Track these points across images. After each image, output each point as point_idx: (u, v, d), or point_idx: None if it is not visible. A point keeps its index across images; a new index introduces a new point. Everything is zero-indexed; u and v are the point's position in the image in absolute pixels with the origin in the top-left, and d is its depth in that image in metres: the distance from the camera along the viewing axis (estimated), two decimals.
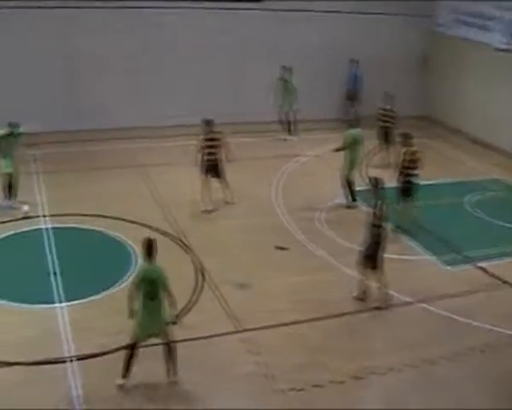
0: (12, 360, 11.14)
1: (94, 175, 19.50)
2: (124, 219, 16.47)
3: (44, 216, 16.54)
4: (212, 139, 17.32)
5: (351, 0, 25.60)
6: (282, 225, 16.90)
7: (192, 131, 19.00)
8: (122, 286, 13.47)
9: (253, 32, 24.76)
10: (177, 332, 11.71)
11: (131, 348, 10.73)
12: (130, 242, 15.34)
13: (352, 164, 18.19)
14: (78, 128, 22.58)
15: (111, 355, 11.38)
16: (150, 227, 15.96)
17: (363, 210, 17.61)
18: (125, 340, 11.10)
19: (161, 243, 15.19)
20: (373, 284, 13.55)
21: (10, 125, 16.86)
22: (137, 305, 10.65)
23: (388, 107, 21.44)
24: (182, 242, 15.62)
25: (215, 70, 24.48)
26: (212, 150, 17.36)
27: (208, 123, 17.42)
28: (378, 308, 13.24)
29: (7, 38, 22.07)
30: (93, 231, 15.98)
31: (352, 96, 25.88)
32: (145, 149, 21.92)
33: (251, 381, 11.06)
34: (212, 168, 17.48)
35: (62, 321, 12.32)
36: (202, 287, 13.77)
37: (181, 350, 11.41)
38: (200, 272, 14.31)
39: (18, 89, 21.93)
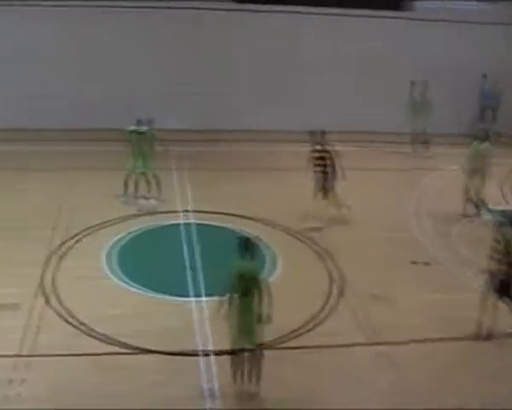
0: (153, 348, 11.50)
1: (235, 176, 19.81)
2: (262, 221, 16.65)
3: (186, 211, 16.97)
4: (320, 151, 16.81)
5: None
6: (419, 239, 16.58)
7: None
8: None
9: (387, 41, 24.35)
10: (313, 338, 11.76)
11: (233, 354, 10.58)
12: (267, 243, 15.48)
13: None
14: (219, 128, 23.08)
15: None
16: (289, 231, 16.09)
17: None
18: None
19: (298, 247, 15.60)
20: None
21: (138, 122, 17.27)
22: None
23: None
24: (319, 248, 15.63)
25: (343, 79, 24.23)
26: (319, 162, 16.84)
27: (313, 134, 16.97)
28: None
29: (160, 40, 22.97)
30: (231, 230, 16.16)
31: (483, 112, 25.00)
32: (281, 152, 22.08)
33: (384, 397, 10.87)
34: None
35: (199, 315, 12.59)
36: (339, 295, 13.72)
37: (315, 355, 11.50)
38: (336, 280, 14.23)
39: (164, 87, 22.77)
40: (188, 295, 13.25)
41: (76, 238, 15.47)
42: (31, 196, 17.67)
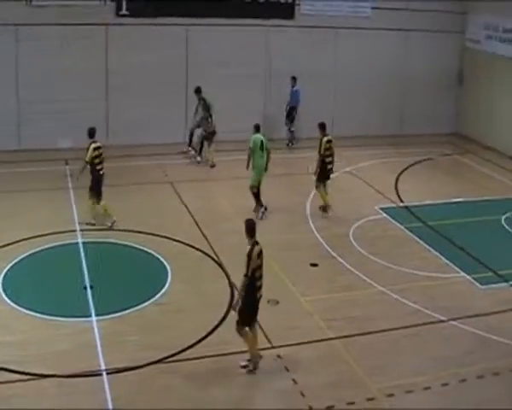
0: (47, 373, 11.27)
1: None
2: (160, 236, 16.63)
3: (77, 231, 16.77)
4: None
5: None
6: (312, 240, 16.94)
7: None
8: (155, 301, 13.69)
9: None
10: (210, 347, 11.91)
11: None
12: (163, 257, 15.50)
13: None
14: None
15: (142, 369, 11.48)
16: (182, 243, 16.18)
17: (397, 226, 17.72)
18: (155, 355, 11.44)
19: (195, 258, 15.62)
20: None
21: None
22: None
23: None
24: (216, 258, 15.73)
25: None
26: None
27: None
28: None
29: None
30: (128, 246, 16.12)
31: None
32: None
33: (286, 397, 11.03)
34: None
35: (96, 335, 12.42)
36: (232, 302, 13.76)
37: (214, 365, 11.62)
38: (233, 288, 14.32)
39: None
40: (84, 316, 13.02)
41: None
42: None
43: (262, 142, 17.98)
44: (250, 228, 11.63)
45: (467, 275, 15.39)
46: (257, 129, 18.20)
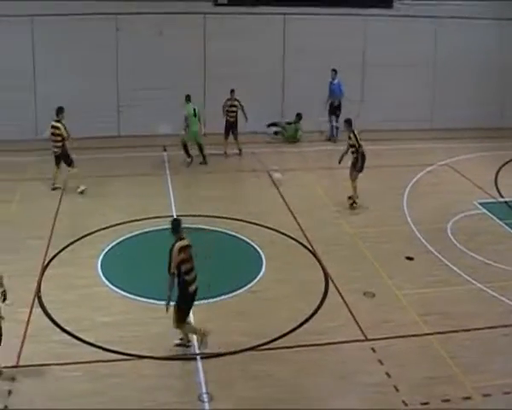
0: (144, 354, 11.57)
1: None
2: (255, 223, 16.76)
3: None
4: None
5: None
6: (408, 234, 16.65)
7: None
8: (249, 288, 13.80)
9: None
10: (303, 336, 11.84)
11: None
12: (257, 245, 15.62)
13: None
14: None
15: (236, 355, 11.61)
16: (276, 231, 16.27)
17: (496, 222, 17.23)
18: (249, 343, 11.60)
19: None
20: None
21: None
22: None
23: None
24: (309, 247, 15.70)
25: None
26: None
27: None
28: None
29: None
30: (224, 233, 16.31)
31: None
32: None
33: (379, 391, 10.88)
34: None
35: (191, 319, 12.46)
36: (326, 292, 13.78)
37: (307, 354, 11.58)
38: (328, 277, 14.27)
39: None
40: None
41: (67, 247, 15.47)
42: (19, 206, 17.70)
43: (194, 110, 20.48)
44: (173, 226, 11.90)
45: None
46: (188, 99, 20.55)
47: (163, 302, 11.55)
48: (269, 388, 10.84)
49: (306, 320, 12.63)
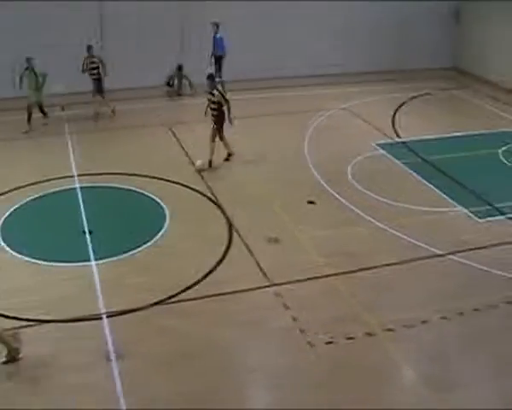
0: (47, 318, 11.38)
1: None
2: (154, 177, 16.65)
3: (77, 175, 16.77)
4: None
5: None
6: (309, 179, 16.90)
7: None
8: (151, 244, 13.73)
9: None
10: (209, 287, 11.94)
11: None
12: (160, 199, 15.55)
13: None
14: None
15: (142, 311, 11.59)
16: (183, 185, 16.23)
17: (394, 162, 17.66)
18: (155, 297, 11.58)
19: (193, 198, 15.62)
20: None
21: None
22: None
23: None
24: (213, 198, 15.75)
25: None
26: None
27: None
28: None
29: None
30: (126, 189, 16.15)
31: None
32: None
33: (285, 335, 11.11)
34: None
35: (96, 279, 12.50)
36: (231, 242, 13.87)
37: (213, 304, 11.67)
38: (231, 227, 14.37)
39: None
40: (84, 260, 13.11)
41: None
42: None
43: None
44: None
45: (464, 209, 15.37)
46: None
47: (65, 264, 11.33)
48: (177, 342, 10.89)
49: (210, 271, 12.71)
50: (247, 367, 10.54)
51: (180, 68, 23.60)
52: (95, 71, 20.92)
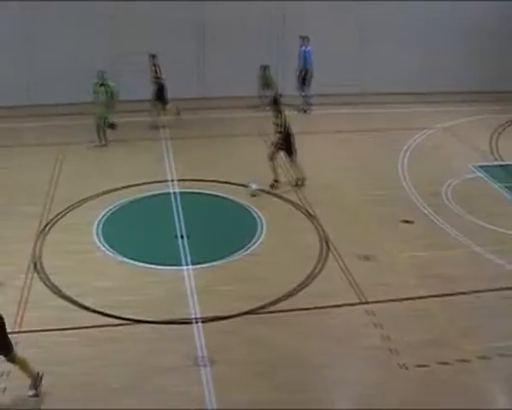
0: (141, 318, 11.59)
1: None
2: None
3: (171, 180, 17.05)
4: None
5: None
6: (406, 198, 16.61)
7: None
8: (247, 252, 13.78)
9: None
10: (300, 300, 11.91)
11: None
12: (256, 209, 15.65)
13: None
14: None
15: (234, 319, 11.64)
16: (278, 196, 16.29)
17: (494, 185, 17.23)
18: (248, 306, 11.65)
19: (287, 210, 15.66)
20: None
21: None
22: None
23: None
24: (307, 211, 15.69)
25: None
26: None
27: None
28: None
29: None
30: (220, 197, 16.29)
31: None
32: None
33: (375, 354, 10.94)
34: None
35: (189, 284, 12.65)
36: (324, 255, 13.77)
37: (304, 317, 11.63)
38: (325, 241, 14.28)
39: None
40: (177, 264, 13.29)
41: (65, 212, 15.47)
42: (19, 173, 17.68)
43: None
44: None
45: None
46: None
47: (160, 267, 11.48)
48: (266, 352, 10.87)
49: (303, 284, 12.66)
50: (333, 382, 10.44)
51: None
52: (156, 79, 21.21)
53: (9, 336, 10.15)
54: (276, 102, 16.93)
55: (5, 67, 22.53)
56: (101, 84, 19.45)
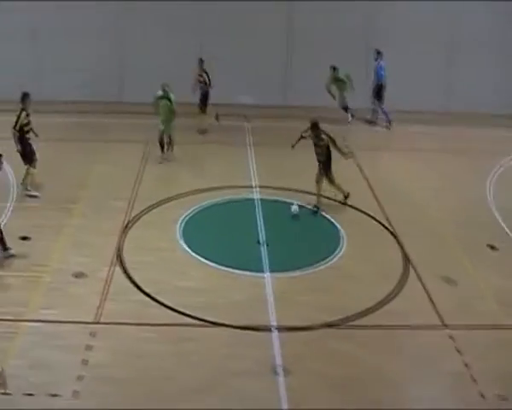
0: (220, 321, 11.62)
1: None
2: (334, 200, 16.54)
3: (254, 186, 17.10)
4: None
5: None
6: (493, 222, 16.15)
7: None
8: (327, 265, 13.66)
9: None
10: (381, 317, 11.76)
11: None
12: (338, 222, 15.51)
13: None
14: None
15: (313, 331, 11.53)
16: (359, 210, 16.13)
17: None
18: (327, 318, 11.55)
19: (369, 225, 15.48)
20: None
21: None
22: None
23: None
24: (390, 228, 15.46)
25: None
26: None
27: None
28: None
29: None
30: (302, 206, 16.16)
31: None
32: None
33: (455, 379, 10.67)
34: None
35: (268, 291, 12.63)
36: (406, 274, 13.54)
37: (384, 335, 11.53)
38: (407, 260, 14.04)
39: None
40: (257, 270, 13.30)
41: (151, 210, 15.70)
42: (106, 168, 18.03)
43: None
44: None
45: None
46: None
47: (240, 271, 11.45)
48: (344, 366, 10.76)
49: (384, 301, 12.47)
50: (410, 403, 10.26)
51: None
52: (201, 84, 21.20)
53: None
54: (315, 127, 16.16)
55: (98, 63, 23.07)
56: (163, 98, 18.48)
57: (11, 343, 10.93)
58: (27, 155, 16.13)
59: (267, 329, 11.51)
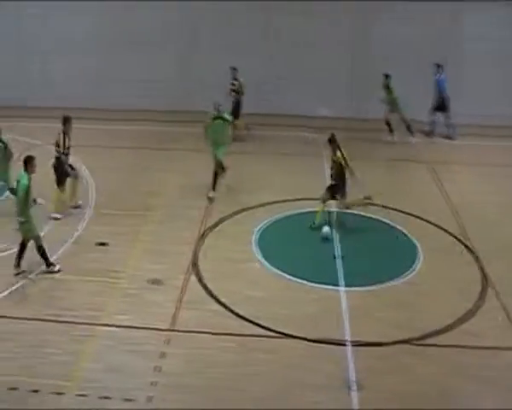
0: (294, 333, 11.57)
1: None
2: (413, 215, 16.31)
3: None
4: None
5: None
6: None
7: None
8: (403, 280, 13.47)
9: None
10: (457, 336, 11.51)
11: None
12: (414, 237, 15.24)
13: None
14: None
15: (389, 347, 11.37)
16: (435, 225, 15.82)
17: None
18: (402, 335, 11.34)
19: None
20: None
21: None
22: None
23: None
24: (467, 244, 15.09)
25: None
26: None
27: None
28: None
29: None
30: (377, 220, 16.04)
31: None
32: None
33: None
34: None
35: (343, 305, 12.51)
36: (484, 293, 13.19)
37: (459, 354, 11.25)
38: (486, 278, 13.69)
39: None
40: (332, 284, 13.19)
41: (224, 219, 15.83)
42: (178, 176, 18.31)
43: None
44: None
45: None
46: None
47: (314, 284, 11.32)
48: (417, 385, 10.55)
49: (461, 320, 12.16)
50: None
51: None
52: (233, 93, 21.16)
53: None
54: (330, 141, 15.67)
55: (170, 72, 23.66)
56: (217, 118, 17.21)
57: (86, 346, 11.19)
58: (59, 177, 15.90)
59: (341, 343, 11.40)
